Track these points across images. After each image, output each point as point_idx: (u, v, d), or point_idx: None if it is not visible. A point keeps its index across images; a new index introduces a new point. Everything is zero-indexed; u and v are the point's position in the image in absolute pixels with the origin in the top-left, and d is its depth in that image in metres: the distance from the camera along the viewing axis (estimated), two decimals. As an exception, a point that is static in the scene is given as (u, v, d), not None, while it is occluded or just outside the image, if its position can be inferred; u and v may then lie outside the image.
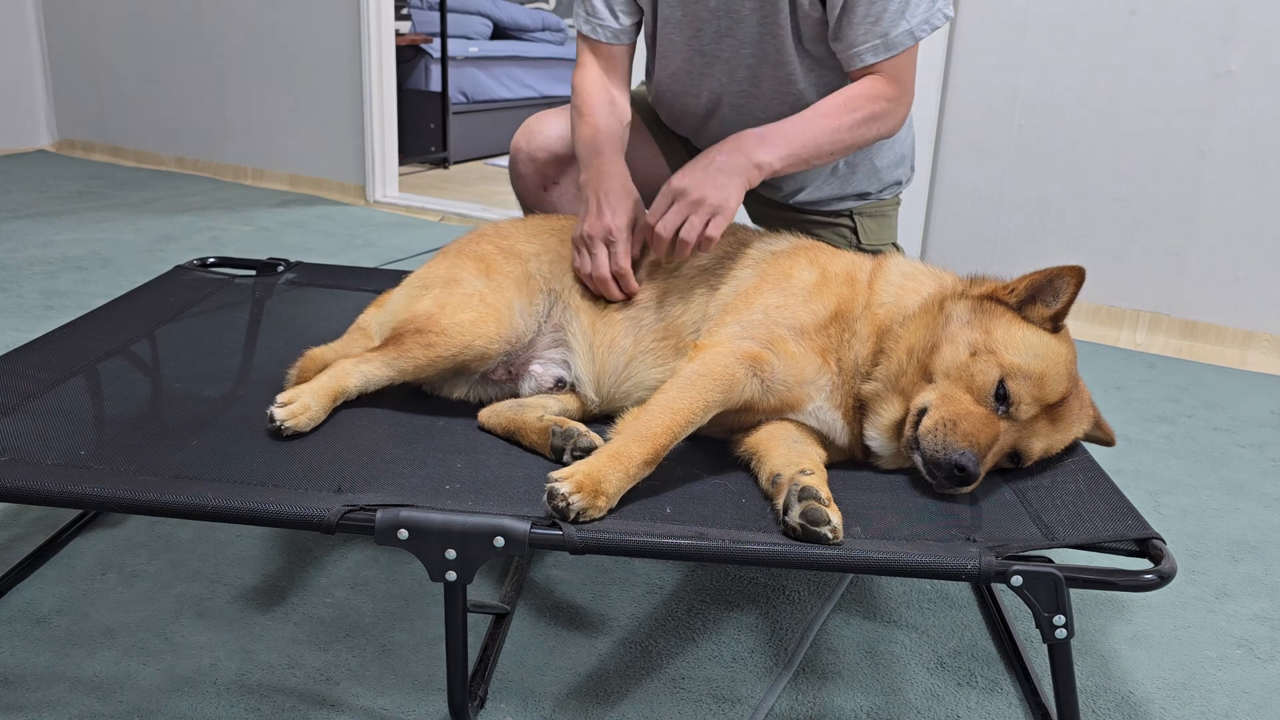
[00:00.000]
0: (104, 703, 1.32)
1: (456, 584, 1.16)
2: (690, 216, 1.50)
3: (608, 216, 1.57)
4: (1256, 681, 1.49)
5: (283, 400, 1.43)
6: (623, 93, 1.80)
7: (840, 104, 1.61)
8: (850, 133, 1.61)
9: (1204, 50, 2.93)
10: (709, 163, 1.53)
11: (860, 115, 1.61)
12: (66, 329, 1.80)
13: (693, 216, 1.50)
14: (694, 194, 1.50)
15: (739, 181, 1.52)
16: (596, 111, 1.72)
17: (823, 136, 1.59)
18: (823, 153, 1.61)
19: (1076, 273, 1.35)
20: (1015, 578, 1.12)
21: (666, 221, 1.51)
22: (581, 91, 1.76)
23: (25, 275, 3.28)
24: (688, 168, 1.55)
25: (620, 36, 1.78)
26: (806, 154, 1.59)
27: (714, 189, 1.50)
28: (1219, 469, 2.22)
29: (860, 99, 1.62)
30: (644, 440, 1.25)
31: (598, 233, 1.56)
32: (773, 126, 1.59)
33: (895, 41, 1.60)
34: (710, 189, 1.50)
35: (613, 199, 1.59)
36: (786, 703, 1.38)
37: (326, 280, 2.20)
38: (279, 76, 4.88)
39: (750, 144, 1.55)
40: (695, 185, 1.50)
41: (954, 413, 1.30)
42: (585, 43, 1.81)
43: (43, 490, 1.21)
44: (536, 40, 6.99)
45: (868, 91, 1.62)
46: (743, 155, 1.53)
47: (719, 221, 1.50)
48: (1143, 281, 3.16)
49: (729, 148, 1.55)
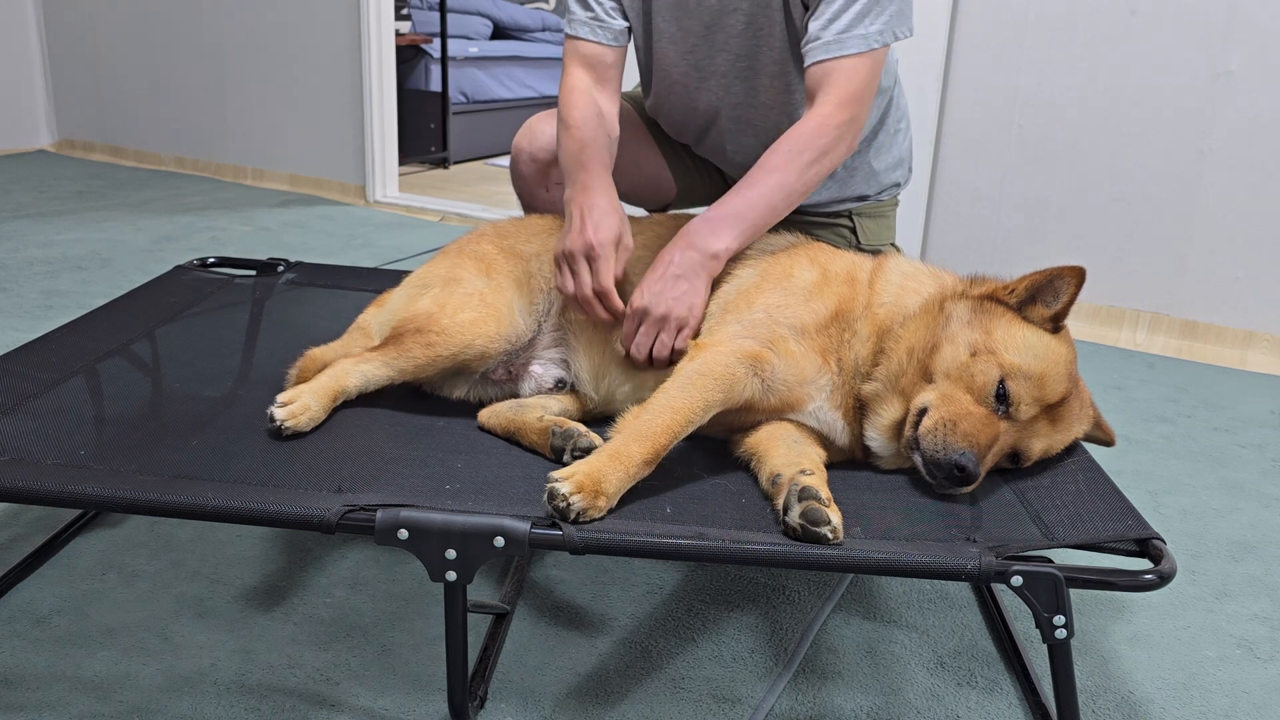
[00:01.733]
0: (104, 703, 1.32)
1: (456, 584, 1.16)
2: (660, 334, 1.49)
3: (590, 231, 1.52)
4: (1256, 681, 1.49)
5: (283, 400, 1.43)
6: (611, 103, 1.73)
7: (787, 151, 1.57)
8: (801, 180, 1.57)
9: (1204, 50, 2.93)
10: (665, 269, 1.50)
11: (808, 157, 1.57)
12: (66, 329, 1.80)
13: (662, 334, 1.49)
14: (657, 311, 1.48)
15: (700, 281, 1.50)
16: (582, 124, 1.66)
17: (776, 196, 1.56)
18: (778, 213, 1.57)
19: (1077, 273, 1.35)
20: (1015, 578, 1.12)
21: (638, 345, 1.50)
22: (567, 102, 1.70)
23: (25, 275, 3.28)
24: (646, 279, 1.51)
25: (620, 38, 1.75)
26: (762, 222, 1.56)
27: (676, 302, 1.48)
28: (1219, 469, 2.22)
29: (806, 138, 1.57)
30: (644, 440, 1.25)
31: (579, 249, 1.52)
32: (721, 206, 1.55)
33: (848, 42, 1.57)
34: (673, 303, 1.48)
35: (596, 214, 1.54)
36: (786, 703, 1.38)
37: (326, 280, 2.20)
38: (279, 76, 4.88)
39: (702, 236, 1.51)
40: (656, 302, 1.48)
41: (954, 413, 1.30)
42: (575, 47, 1.75)
43: (43, 490, 1.21)
44: (536, 40, 6.99)
45: (813, 128, 1.57)
46: (696, 252, 1.50)
47: (686, 332, 1.49)
48: (1143, 281, 3.16)
49: (682, 245, 1.51)
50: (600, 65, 1.73)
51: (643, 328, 1.49)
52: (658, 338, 1.49)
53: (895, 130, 1.94)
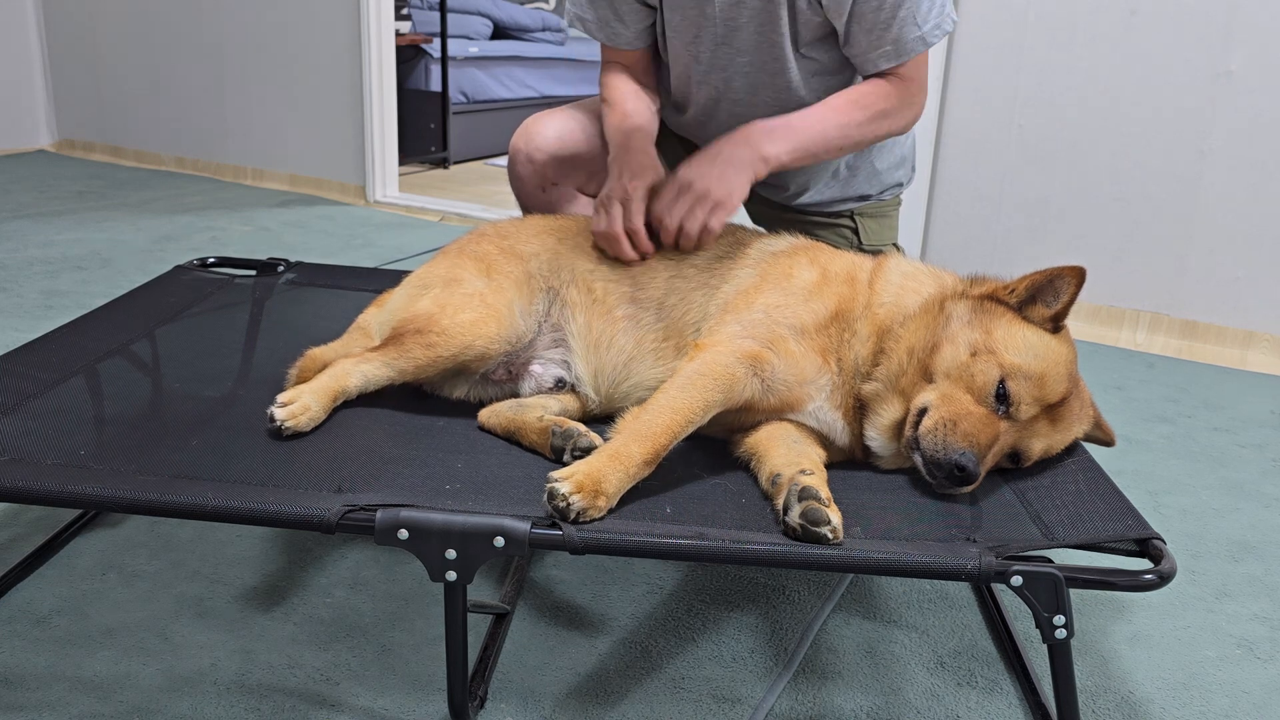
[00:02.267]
0: (104, 703, 1.32)
1: (456, 584, 1.16)
2: (695, 208, 1.53)
3: (625, 179, 1.60)
4: (1256, 681, 1.49)
5: (283, 400, 1.43)
6: (649, 88, 1.82)
7: (850, 101, 1.62)
8: (859, 129, 1.62)
9: (1204, 50, 2.93)
10: (716, 154, 1.55)
11: (870, 113, 1.63)
12: (66, 329, 1.80)
13: (697, 209, 1.53)
14: (699, 186, 1.53)
15: (745, 175, 1.55)
16: (625, 99, 1.75)
17: (832, 131, 1.61)
18: (831, 148, 1.62)
19: (1077, 273, 1.35)
20: (1015, 578, 1.12)
21: (673, 213, 1.55)
22: (608, 85, 1.80)
23: (25, 275, 3.28)
24: (696, 158, 1.57)
25: (634, 42, 1.80)
26: (815, 148, 1.60)
27: (719, 182, 1.53)
28: (1219, 469, 2.22)
29: (870, 96, 1.63)
30: (644, 440, 1.25)
31: (617, 195, 1.59)
32: (782, 119, 1.61)
33: (908, 47, 1.61)
34: (715, 182, 1.52)
35: (633, 167, 1.62)
36: (786, 703, 1.38)
37: (326, 280, 2.20)
38: (279, 76, 4.88)
39: (759, 136, 1.57)
40: (701, 177, 1.53)
41: (954, 413, 1.30)
42: (604, 51, 1.85)
43: (43, 490, 1.21)
44: (536, 40, 6.98)
45: (878, 90, 1.63)
46: (750, 148, 1.55)
47: (721, 215, 1.53)
48: (1143, 281, 3.16)
49: (738, 139, 1.57)
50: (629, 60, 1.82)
51: (681, 197, 1.55)
52: (691, 211, 1.53)
53: (898, 129, 1.94)
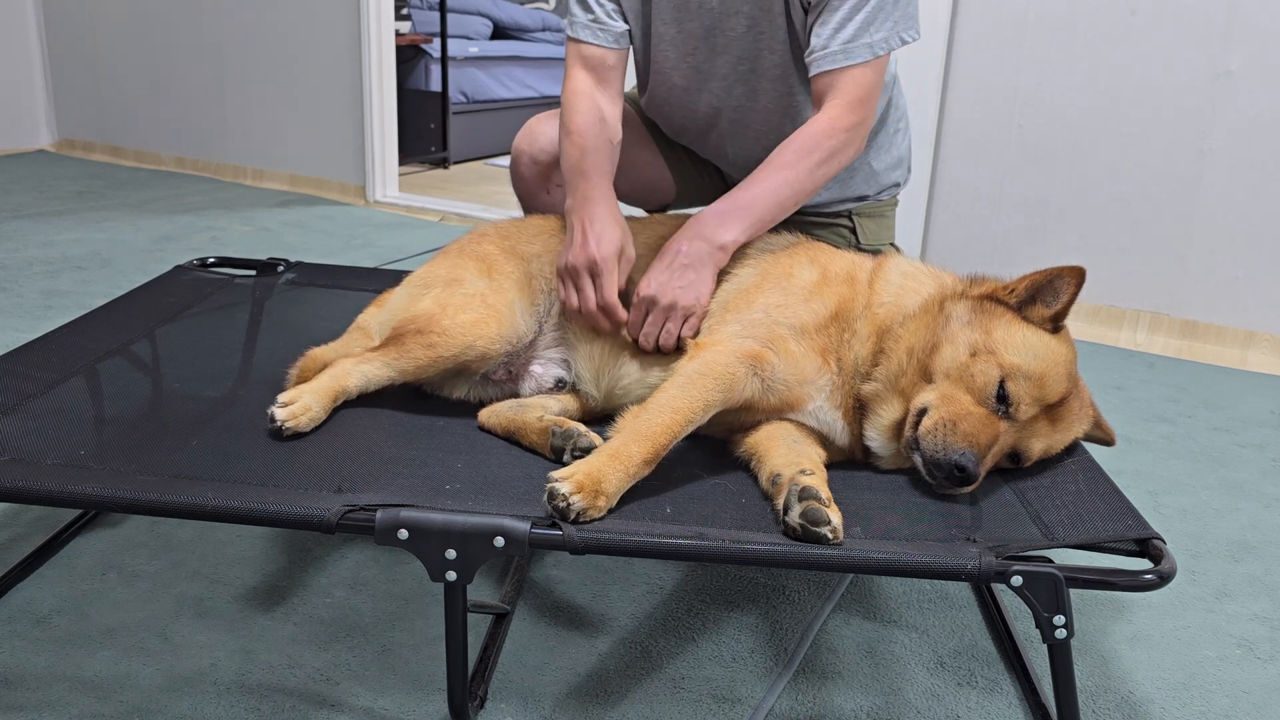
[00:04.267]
0: (104, 703, 1.32)
1: (456, 584, 1.16)
2: (666, 324, 1.51)
3: (592, 246, 1.53)
4: (1256, 681, 1.49)
5: (283, 400, 1.43)
6: (614, 105, 1.73)
7: (797, 150, 1.58)
8: (810, 178, 1.59)
9: (1204, 50, 2.93)
10: (673, 259, 1.52)
11: (818, 157, 1.59)
12: (66, 329, 1.80)
13: (668, 324, 1.51)
14: (664, 301, 1.50)
15: (707, 272, 1.52)
16: (584, 130, 1.66)
17: (783, 192, 1.58)
18: (786, 209, 1.59)
19: (1077, 273, 1.35)
20: (1015, 578, 1.12)
21: (646, 334, 1.52)
22: (569, 106, 1.69)
23: (25, 275, 3.28)
24: (655, 268, 1.53)
25: (621, 41, 1.75)
26: (770, 216, 1.58)
27: (684, 292, 1.50)
28: (1219, 469, 2.22)
29: (816, 138, 1.59)
30: (644, 439, 1.25)
31: (582, 264, 1.53)
32: (731, 198, 1.57)
33: (855, 51, 1.59)
34: (679, 293, 1.50)
35: (598, 226, 1.55)
36: (786, 703, 1.38)
37: (326, 280, 2.20)
38: (279, 76, 4.88)
39: (710, 227, 1.53)
40: (663, 291, 1.50)
41: (954, 413, 1.30)
42: (577, 50, 1.74)
43: (43, 490, 1.21)
44: (536, 40, 6.99)
45: (823, 129, 1.59)
46: (704, 242, 1.52)
47: (693, 321, 1.51)
48: (1143, 281, 3.16)
49: (690, 235, 1.53)
50: (602, 68, 1.73)
51: (650, 316, 1.51)
52: (664, 326, 1.51)
53: (895, 130, 1.94)
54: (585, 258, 1.53)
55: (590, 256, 1.53)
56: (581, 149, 1.65)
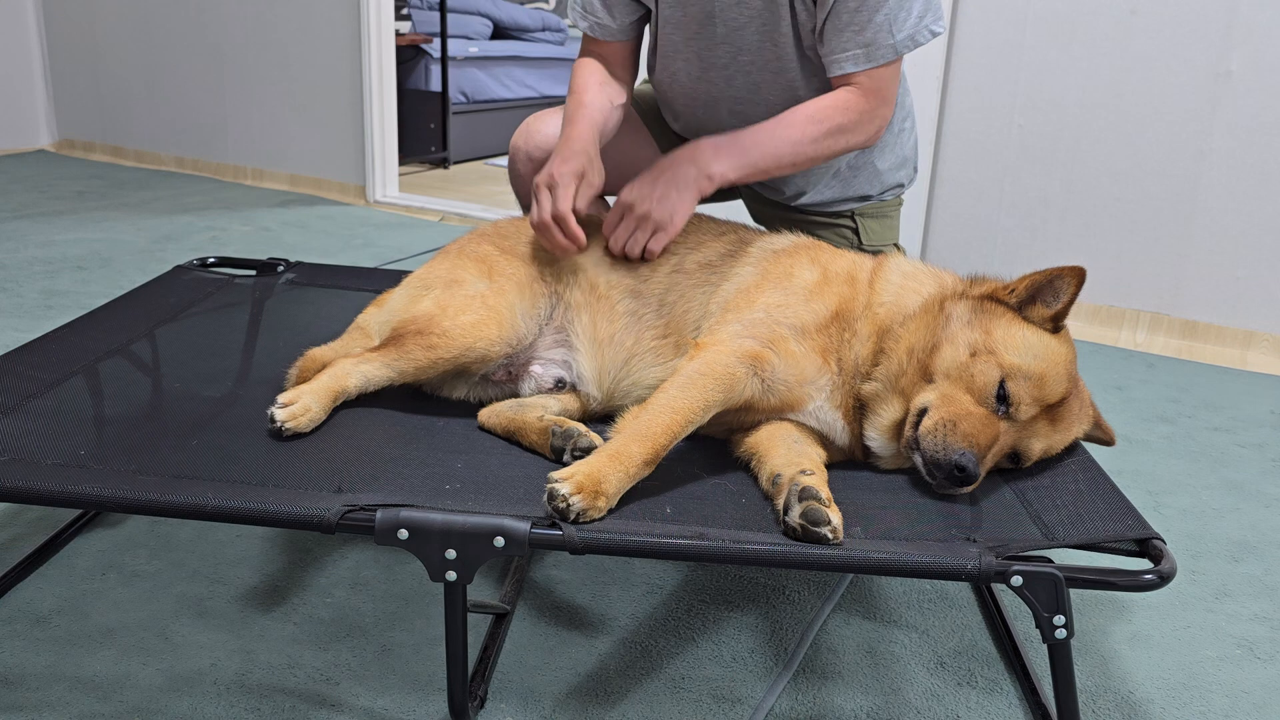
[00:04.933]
0: (104, 703, 1.32)
1: (456, 584, 1.16)
2: (636, 232, 1.55)
3: (555, 164, 1.58)
4: (1256, 681, 1.49)
5: (283, 401, 1.43)
6: (620, 81, 1.81)
7: (806, 115, 1.61)
8: (813, 145, 1.61)
9: (1204, 50, 2.93)
10: (660, 173, 1.57)
11: (825, 128, 1.61)
12: (66, 329, 1.80)
13: (638, 232, 1.55)
14: (640, 209, 1.54)
15: (688, 193, 1.55)
16: (586, 89, 1.74)
17: (783, 148, 1.60)
18: (783, 164, 1.61)
19: (1077, 273, 1.35)
20: (1015, 578, 1.12)
21: (616, 237, 1.56)
22: (576, 74, 1.80)
23: (25, 275, 3.28)
24: (640, 177, 1.58)
25: (617, 34, 1.78)
26: (764, 165, 1.60)
27: (659, 204, 1.54)
28: (1219, 469, 2.22)
29: (828, 110, 1.61)
30: (644, 440, 1.25)
31: (543, 180, 1.58)
32: (733, 136, 1.60)
33: (877, 53, 1.60)
34: (656, 204, 1.54)
35: (564, 152, 1.60)
36: (786, 703, 1.38)
37: (326, 280, 2.20)
38: (279, 76, 4.88)
39: (706, 155, 1.57)
40: (642, 199, 1.54)
41: (954, 413, 1.30)
42: (586, 41, 1.84)
43: (43, 490, 1.21)
44: (536, 40, 6.98)
45: (838, 103, 1.61)
46: (695, 166, 1.56)
47: (662, 238, 1.55)
48: (1143, 281, 3.16)
49: (684, 156, 1.57)
50: (608, 53, 1.82)
51: (624, 221, 1.56)
52: (633, 235, 1.55)
53: (900, 129, 1.93)
54: (546, 175, 1.58)
55: (550, 173, 1.57)
56: (579, 102, 1.72)
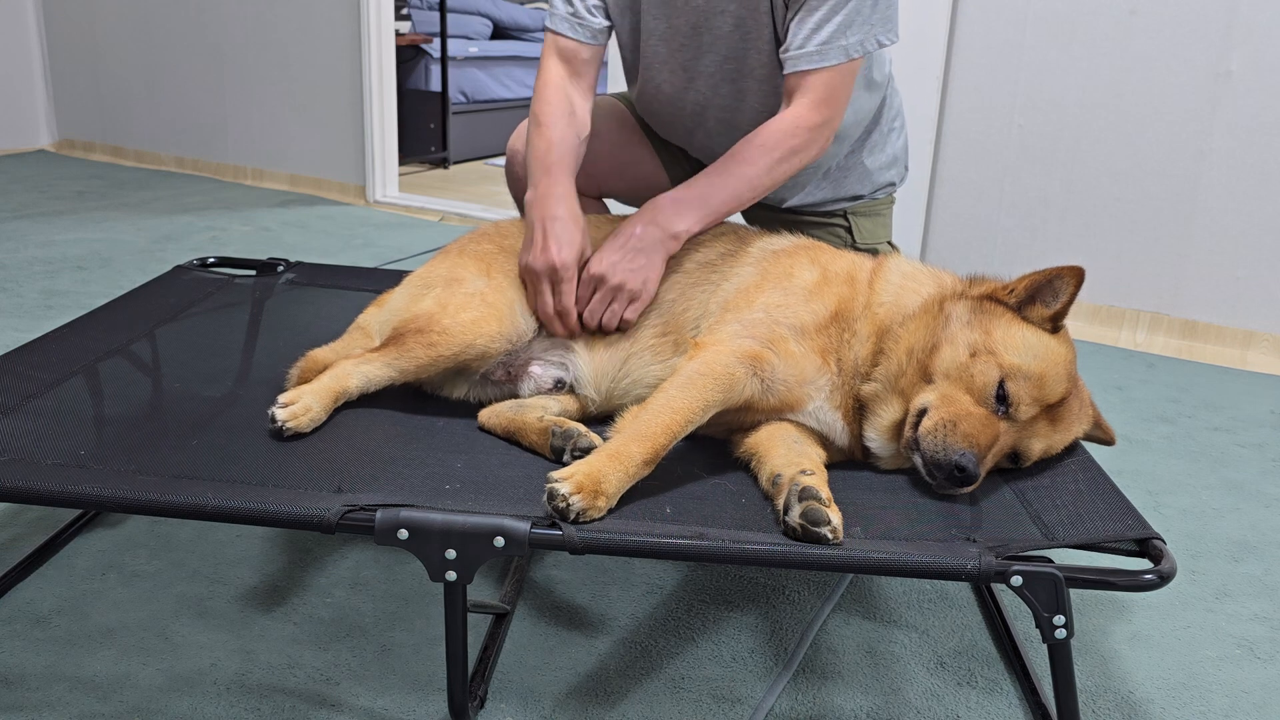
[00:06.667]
0: (104, 703, 1.32)
1: (456, 584, 1.16)
2: (612, 304, 1.55)
3: (553, 251, 1.55)
4: (1256, 681, 1.49)
5: (284, 401, 1.43)
6: (585, 100, 1.74)
7: (758, 146, 1.61)
8: (769, 175, 1.62)
9: (1204, 50, 2.93)
10: (625, 241, 1.56)
11: (778, 154, 1.62)
12: (66, 329, 1.80)
13: (614, 304, 1.55)
14: (613, 280, 1.54)
15: (658, 257, 1.57)
16: (554, 123, 1.67)
17: (741, 186, 1.61)
18: (743, 202, 1.63)
19: (1076, 273, 1.35)
20: (1015, 578, 1.12)
21: (591, 311, 1.56)
22: (541, 98, 1.71)
23: (25, 275, 3.28)
24: (607, 246, 1.57)
25: (598, 37, 1.77)
26: (725, 209, 1.62)
27: (633, 274, 1.54)
28: (1219, 469, 2.22)
29: (778, 136, 1.61)
30: (643, 440, 1.25)
31: (543, 269, 1.56)
32: (688, 188, 1.61)
33: (829, 53, 1.61)
34: (629, 275, 1.54)
35: (557, 228, 1.57)
36: (786, 703, 1.38)
37: (326, 280, 2.20)
38: (279, 76, 4.88)
39: (666, 215, 1.57)
40: (614, 271, 1.54)
41: (954, 413, 1.30)
42: (554, 42, 1.75)
43: (43, 490, 1.21)
44: (537, 40, 6.98)
45: (786, 128, 1.62)
46: (658, 228, 1.57)
47: (638, 305, 1.56)
48: (1143, 281, 3.16)
49: (645, 220, 1.57)
50: (576, 61, 1.75)
51: (598, 295, 1.56)
52: (610, 306, 1.55)
53: (890, 129, 1.94)
54: (545, 263, 1.56)
55: (550, 262, 1.55)
56: (549, 141, 1.66)
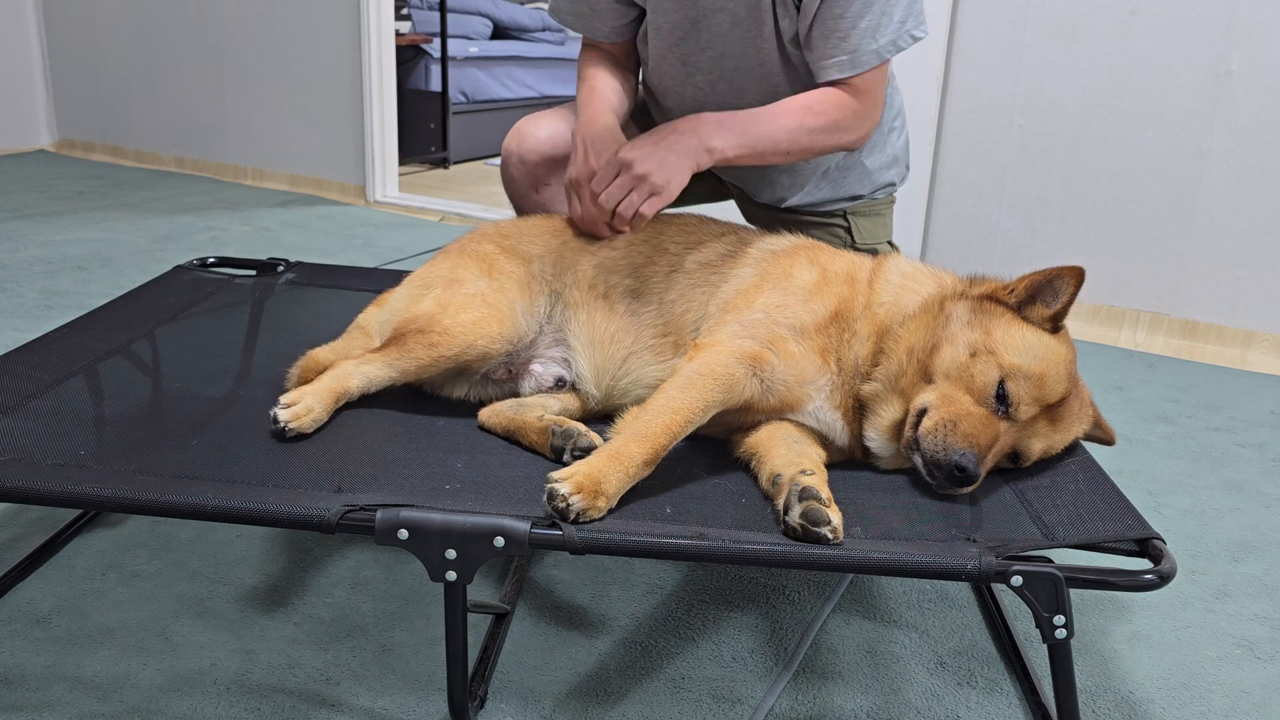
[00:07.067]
0: (104, 703, 1.32)
1: (456, 584, 1.16)
2: (631, 192, 1.54)
3: (591, 159, 1.60)
4: (1256, 681, 1.49)
5: (286, 402, 1.42)
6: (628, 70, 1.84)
7: (804, 105, 1.62)
8: (809, 136, 1.62)
9: (1204, 50, 2.93)
10: (661, 138, 1.56)
11: (823, 122, 1.62)
12: (66, 329, 1.80)
13: (633, 193, 1.54)
14: (639, 169, 1.53)
15: (687, 163, 1.56)
16: (597, 75, 1.78)
17: (781, 134, 1.61)
18: (779, 150, 1.63)
19: (1076, 273, 1.35)
20: (1015, 578, 1.12)
21: (609, 194, 1.56)
22: (583, 63, 1.84)
23: (25, 275, 3.28)
24: (641, 138, 1.58)
25: (611, 35, 1.80)
26: (762, 148, 1.61)
27: (659, 168, 1.54)
28: (1219, 469, 2.22)
29: (825, 105, 1.62)
30: (644, 440, 1.25)
31: (584, 177, 1.60)
32: (734, 115, 1.62)
33: (862, 60, 1.61)
34: (655, 167, 1.54)
35: (596, 143, 1.62)
36: (786, 703, 1.38)
37: (326, 280, 2.20)
38: (279, 76, 4.88)
39: (708, 128, 1.57)
40: (642, 160, 1.54)
41: (954, 413, 1.30)
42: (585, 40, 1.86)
43: (43, 490, 1.21)
44: (536, 40, 6.99)
45: (833, 100, 1.62)
46: (696, 137, 1.56)
47: (656, 202, 1.55)
48: (1143, 281, 3.16)
49: (686, 128, 1.57)
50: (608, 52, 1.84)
51: (620, 178, 1.56)
52: (629, 195, 1.55)
53: (890, 129, 1.93)
54: (586, 171, 1.60)
55: (590, 168, 1.60)
56: (592, 87, 1.76)
